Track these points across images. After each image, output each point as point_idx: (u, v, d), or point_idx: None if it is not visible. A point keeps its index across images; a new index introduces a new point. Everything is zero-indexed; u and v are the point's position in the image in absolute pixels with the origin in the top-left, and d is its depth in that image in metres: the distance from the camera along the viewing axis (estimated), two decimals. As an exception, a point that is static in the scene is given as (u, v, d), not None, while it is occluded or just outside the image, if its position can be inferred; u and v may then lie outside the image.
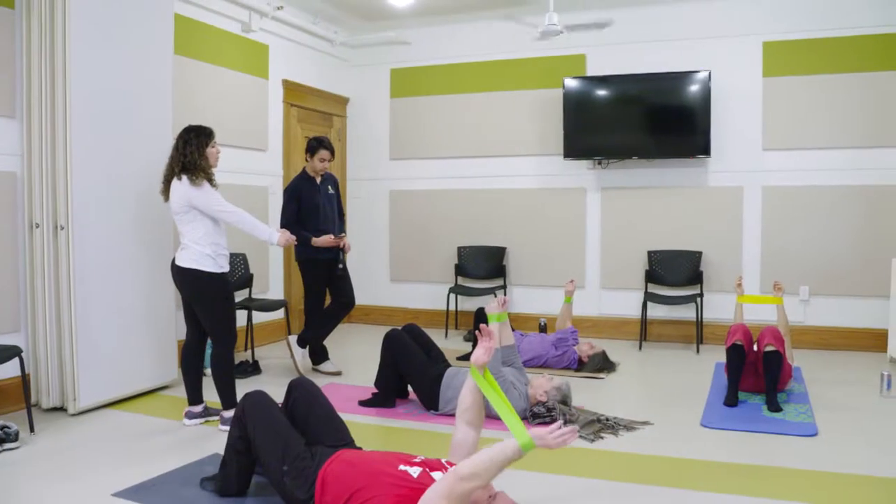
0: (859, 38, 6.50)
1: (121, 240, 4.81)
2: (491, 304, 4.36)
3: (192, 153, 4.31)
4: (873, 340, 6.45)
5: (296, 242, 4.79)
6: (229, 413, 4.28)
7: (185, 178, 4.27)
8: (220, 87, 6.29)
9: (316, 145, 5.75)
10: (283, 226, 5.67)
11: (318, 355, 5.90)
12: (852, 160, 6.57)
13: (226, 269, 4.43)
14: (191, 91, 5.89)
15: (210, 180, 4.34)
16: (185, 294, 4.44)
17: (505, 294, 7.40)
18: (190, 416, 4.46)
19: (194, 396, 4.50)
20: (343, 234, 5.81)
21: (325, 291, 5.85)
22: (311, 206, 5.66)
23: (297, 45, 7.36)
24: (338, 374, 5.79)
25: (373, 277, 8.07)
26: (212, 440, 4.07)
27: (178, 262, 4.33)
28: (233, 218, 4.38)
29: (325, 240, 5.57)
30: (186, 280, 4.32)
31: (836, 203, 6.63)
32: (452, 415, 3.11)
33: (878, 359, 6.13)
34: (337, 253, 5.70)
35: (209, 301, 4.35)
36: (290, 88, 7.25)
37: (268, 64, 6.93)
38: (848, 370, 5.89)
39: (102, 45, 4.65)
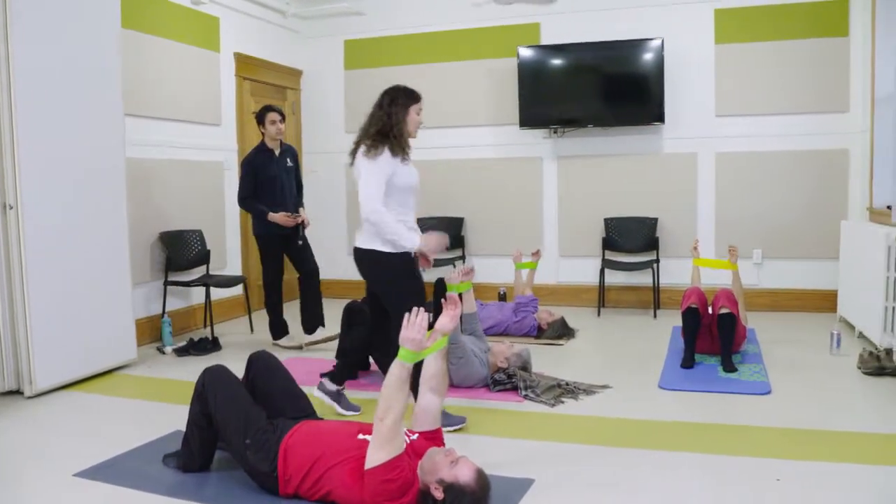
0: (807, 5, 6.59)
1: (72, 217, 4.71)
2: (451, 275, 4.34)
3: (396, 114, 3.86)
4: (824, 301, 6.61)
5: (428, 265, 4.01)
6: (331, 386, 4.14)
7: (365, 146, 3.81)
8: (170, 61, 6.17)
9: (264, 110, 5.72)
10: (240, 199, 5.67)
11: (278, 330, 5.89)
12: (802, 125, 6.68)
13: (407, 247, 3.83)
14: (141, 65, 5.76)
15: (403, 150, 3.85)
16: (364, 278, 4.01)
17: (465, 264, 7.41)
18: (322, 388, 4.19)
19: (341, 377, 4.19)
20: (301, 209, 5.82)
21: (282, 266, 5.84)
22: (268, 179, 5.62)
23: (248, 17, 7.23)
24: (299, 347, 5.78)
25: (332, 251, 8.01)
26: (173, 417, 4.04)
27: (356, 243, 3.90)
28: (366, 212, 3.74)
29: (281, 217, 5.56)
30: (364, 262, 3.90)
31: (787, 168, 6.74)
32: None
33: (828, 318, 6.28)
34: (296, 227, 5.68)
35: (390, 283, 3.87)
36: (243, 61, 7.14)
37: (219, 37, 6.81)
38: (800, 330, 6.05)
39: (46, 20, 4.51)
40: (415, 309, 2.76)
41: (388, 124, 3.82)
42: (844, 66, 6.54)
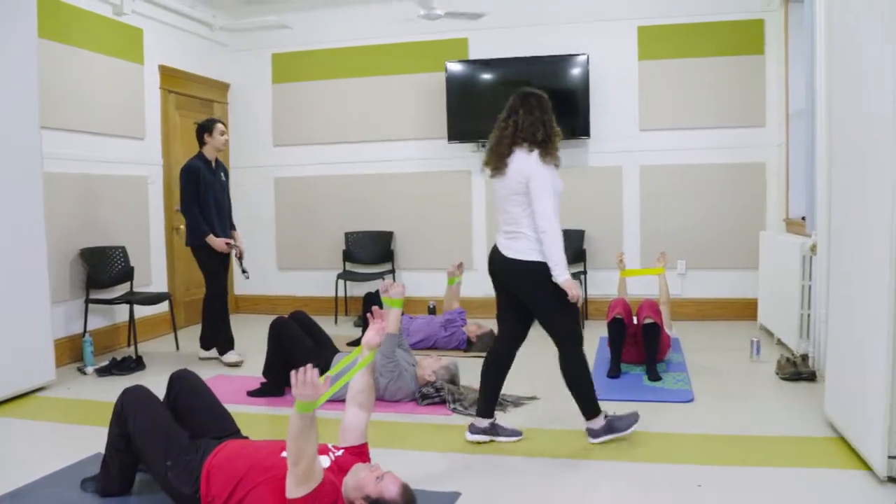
0: (725, 24, 6.83)
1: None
2: (394, 289, 4.24)
3: (550, 121, 3.70)
4: (745, 309, 6.80)
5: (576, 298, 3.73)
6: (595, 423, 3.79)
7: (536, 151, 3.64)
8: (91, 72, 6.01)
9: (210, 122, 5.71)
10: (183, 209, 5.63)
11: (209, 344, 5.83)
12: (722, 139, 6.90)
13: (554, 276, 3.64)
14: (59, 77, 5.61)
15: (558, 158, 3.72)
16: (516, 290, 3.79)
17: (394, 279, 7.43)
18: (474, 430, 3.86)
19: (485, 407, 3.88)
20: (235, 232, 5.89)
21: (226, 277, 5.83)
22: (207, 188, 5.60)
23: (173, 30, 7.10)
24: (236, 365, 5.69)
25: (260, 266, 7.92)
26: (93, 440, 3.92)
27: (507, 253, 3.70)
28: (544, 224, 3.58)
29: (220, 244, 5.60)
30: (519, 274, 3.70)
31: (708, 180, 6.95)
32: (342, 400, 3.11)
33: (749, 326, 6.47)
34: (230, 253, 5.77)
35: (552, 298, 3.68)
36: (167, 74, 7.01)
37: (142, 49, 6.67)
38: (722, 338, 6.22)
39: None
40: (301, 368, 2.56)
41: (545, 131, 3.69)
42: (761, 82, 6.79)
